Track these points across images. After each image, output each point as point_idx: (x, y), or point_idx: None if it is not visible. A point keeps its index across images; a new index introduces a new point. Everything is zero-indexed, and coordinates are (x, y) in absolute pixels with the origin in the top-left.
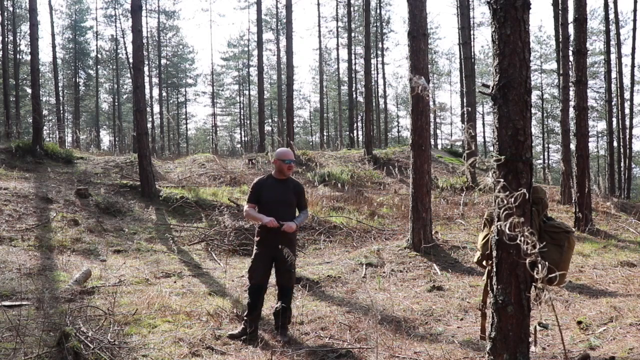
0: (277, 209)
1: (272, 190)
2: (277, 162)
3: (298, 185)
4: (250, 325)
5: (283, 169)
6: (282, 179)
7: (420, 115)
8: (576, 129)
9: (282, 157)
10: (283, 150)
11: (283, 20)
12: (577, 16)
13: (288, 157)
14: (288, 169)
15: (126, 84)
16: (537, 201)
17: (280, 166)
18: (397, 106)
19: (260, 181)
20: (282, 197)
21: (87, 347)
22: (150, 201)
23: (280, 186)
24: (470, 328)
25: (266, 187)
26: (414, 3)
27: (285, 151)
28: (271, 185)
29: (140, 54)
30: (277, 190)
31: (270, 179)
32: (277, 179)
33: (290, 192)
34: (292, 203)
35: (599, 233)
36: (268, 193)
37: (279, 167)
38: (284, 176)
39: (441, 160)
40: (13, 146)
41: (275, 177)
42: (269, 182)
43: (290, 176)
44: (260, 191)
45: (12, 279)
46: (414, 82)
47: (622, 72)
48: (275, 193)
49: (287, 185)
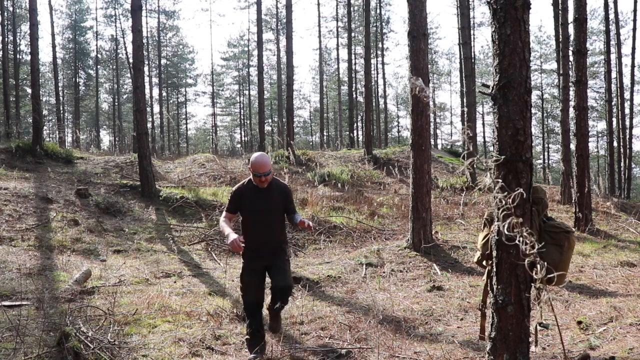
0: (262, 219)
1: (254, 198)
2: (250, 170)
3: (283, 187)
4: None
5: (255, 182)
6: (264, 186)
7: (420, 115)
8: (576, 129)
9: (254, 170)
10: (256, 158)
11: (283, 20)
12: (577, 16)
13: (261, 169)
14: (261, 182)
15: (126, 84)
16: (537, 201)
17: (253, 179)
18: (397, 106)
19: (240, 189)
20: (267, 205)
21: (87, 347)
22: (150, 201)
23: (263, 193)
24: (470, 328)
25: (247, 196)
26: (414, 3)
27: (258, 161)
28: (252, 193)
29: (140, 54)
30: (260, 197)
31: (250, 185)
32: (258, 187)
33: (276, 197)
34: (279, 210)
35: (599, 233)
36: (250, 202)
37: (253, 179)
38: (263, 186)
39: (441, 160)
40: (13, 146)
41: (256, 184)
42: (249, 189)
43: (275, 178)
44: (240, 200)
45: (12, 279)
46: (411, 82)
47: (622, 72)
48: (258, 201)
49: (270, 190)
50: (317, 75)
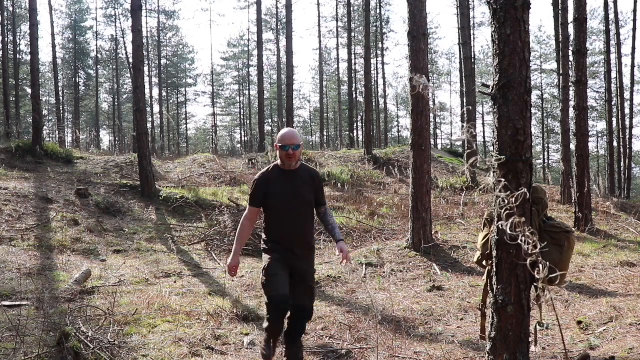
0: (291, 209)
1: (280, 184)
2: (277, 148)
3: (314, 172)
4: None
5: (282, 158)
6: (292, 169)
7: (420, 115)
8: (576, 129)
9: (282, 141)
10: (284, 131)
11: (283, 20)
12: (577, 16)
13: (289, 140)
14: (288, 157)
15: (126, 84)
16: (537, 201)
17: (280, 154)
18: (397, 106)
19: (265, 175)
20: (294, 192)
21: (87, 347)
22: (150, 201)
23: (290, 178)
24: (470, 328)
25: (273, 182)
26: (414, 3)
27: (285, 133)
28: (278, 179)
29: (140, 54)
30: (287, 184)
31: (276, 170)
32: (285, 170)
33: (305, 185)
34: (308, 200)
35: (599, 233)
36: (276, 189)
37: (279, 156)
38: (290, 166)
39: (441, 160)
40: (13, 146)
41: (282, 167)
42: (274, 175)
43: (303, 163)
44: (266, 188)
45: (12, 279)
46: (415, 81)
47: (622, 72)
48: (286, 187)
49: (299, 176)
50: (317, 75)
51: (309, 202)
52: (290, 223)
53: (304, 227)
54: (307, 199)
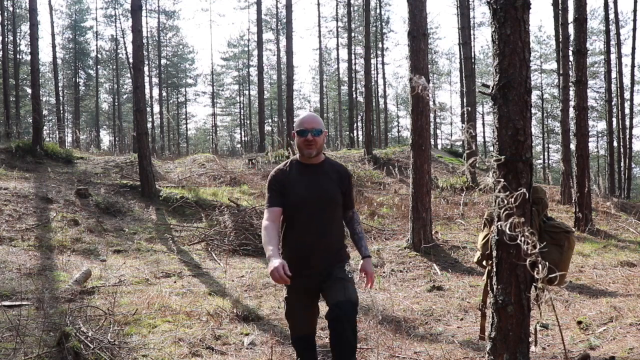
0: (313, 211)
1: (300, 181)
2: (294, 137)
3: (342, 170)
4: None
5: (301, 147)
6: (314, 162)
7: (420, 115)
8: (576, 129)
9: (299, 126)
10: (302, 114)
11: (283, 20)
12: (577, 16)
13: (307, 124)
14: (307, 144)
15: (126, 84)
16: (537, 201)
17: (298, 143)
18: (397, 106)
19: (282, 170)
20: (317, 190)
21: (87, 347)
22: (150, 201)
23: (312, 174)
24: (470, 328)
25: (292, 178)
26: (414, 3)
27: (304, 116)
28: (297, 175)
29: (140, 54)
30: (308, 180)
31: (296, 165)
32: (306, 165)
33: (331, 180)
34: (335, 201)
35: (599, 233)
36: (295, 186)
37: (297, 145)
38: (313, 158)
39: (441, 160)
40: (13, 146)
41: (302, 161)
42: (294, 169)
43: (329, 158)
44: (284, 185)
45: (12, 279)
46: (414, 81)
47: (622, 72)
48: (307, 184)
49: (323, 171)
50: (317, 75)
51: (335, 202)
52: (309, 227)
53: (326, 230)
54: (333, 197)
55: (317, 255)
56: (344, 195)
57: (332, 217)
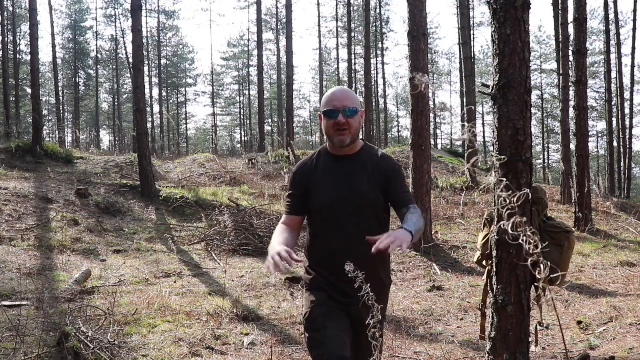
0: (341, 223)
1: (327, 178)
2: (320, 120)
3: (382, 160)
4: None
5: (330, 133)
6: (347, 154)
7: (420, 115)
8: (576, 129)
9: (327, 105)
10: (331, 91)
11: (283, 20)
12: (577, 16)
13: (339, 102)
14: (339, 128)
15: (126, 84)
16: (537, 201)
17: (326, 128)
18: (397, 106)
19: (306, 164)
20: (350, 189)
21: (87, 347)
22: (150, 201)
23: (344, 168)
24: (470, 328)
25: (319, 174)
26: (414, 3)
27: (334, 92)
28: (326, 170)
29: (140, 54)
30: (338, 177)
31: (323, 157)
32: (336, 157)
33: (369, 180)
34: (371, 200)
35: (599, 233)
36: (320, 187)
37: (325, 130)
38: (347, 147)
39: (441, 160)
40: (13, 146)
41: (332, 152)
42: (321, 163)
43: (368, 144)
44: (307, 183)
45: (12, 279)
46: (417, 79)
47: (622, 72)
48: (334, 183)
49: (359, 165)
50: (317, 75)
51: (372, 204)
52: (339, 234)
53: (361, 240)
54: (369, 198)
55: (349, 280)
56: (388, 189)
57: (369, 223)
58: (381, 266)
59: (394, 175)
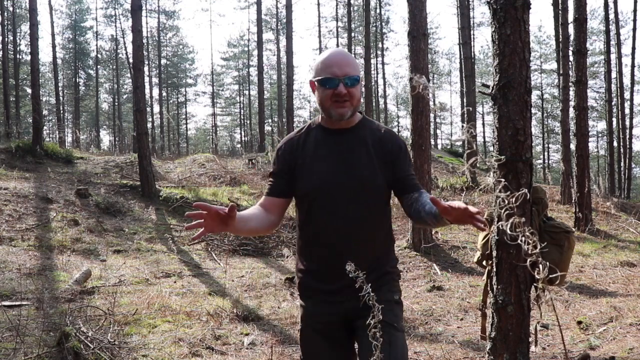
0: (338, 207)
1: (319, 156)
2: (313, 88)
3: (386, 136)
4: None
5: (326, 105)
6: (343, 127)
7: (420, 115)
8: (576, 129)
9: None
10: (327, 53)
11: (283, 20)
12: (577, 16)
13: (338, 68)
14: (337, 100)
15: (126, 84)
16: (537, 201)
17: (321, 98)
18: (397, 106)
19: (292, 143)
20: (347, 168)
21: (87, 347)
22: (150, 201)
23: (340, 145)
24: (470, 328)
25: (308, 151)
26: (414, 3)
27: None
28: (317, 146)
29: (140, 54)
30: (333, 154)
31: (315, 132)
32: (331, 131)
33: (369, 156)
34: (373, 185)
35: (599, 233)
36: (310, 165)
37: (320, 101)
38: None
39: (441, 160)
40: (13, 146)
41: (325, 125)
42: (311, 140)
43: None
44: (293, 161)
45: (12, 279)
46: (415, 81)
47: (622, 72)
48: (328, 162)
49: (357, 139)
50: None
51: (372, 187)
52: (339, 226)
53: (359, 230)
54: (369, 179)
55: (344, 271)
56: (393, 169)
57: (369, 210)
58: (384, 257)
59: (401, 154)
